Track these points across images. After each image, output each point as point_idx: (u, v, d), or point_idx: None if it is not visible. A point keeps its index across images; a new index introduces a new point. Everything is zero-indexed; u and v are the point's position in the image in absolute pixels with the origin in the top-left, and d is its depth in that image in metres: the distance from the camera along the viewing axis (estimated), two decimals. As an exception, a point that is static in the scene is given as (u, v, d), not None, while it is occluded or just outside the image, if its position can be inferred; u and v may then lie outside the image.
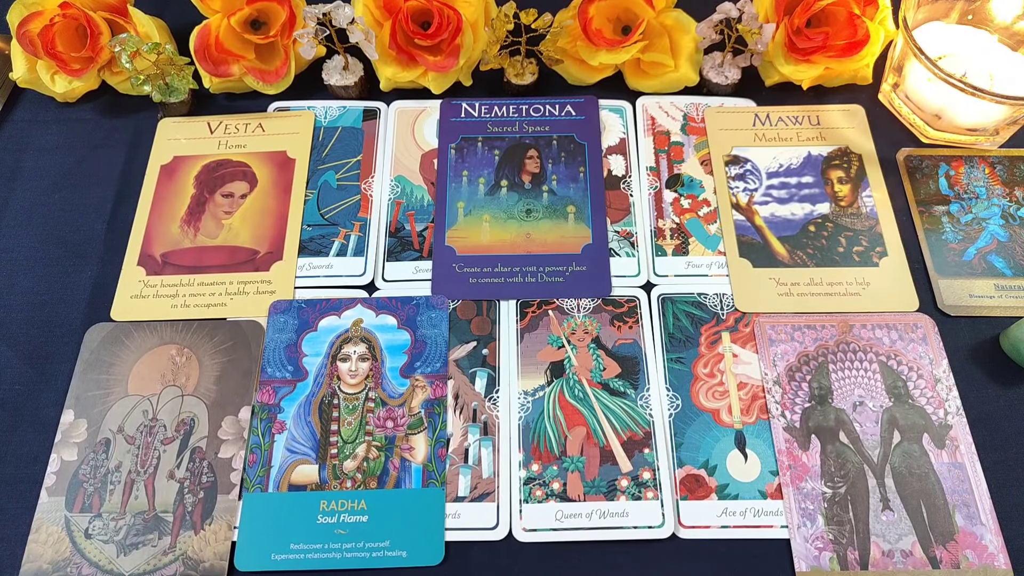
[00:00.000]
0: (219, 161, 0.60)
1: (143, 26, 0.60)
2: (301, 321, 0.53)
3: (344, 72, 0.62)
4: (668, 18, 0.60)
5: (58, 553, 0.45)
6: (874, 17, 0.58)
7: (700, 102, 0.62)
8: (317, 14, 0.57)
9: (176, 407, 0.50)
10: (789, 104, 0.62)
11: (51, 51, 0.58)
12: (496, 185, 0.58)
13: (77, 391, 0.50)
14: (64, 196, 0.59)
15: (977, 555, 0.45)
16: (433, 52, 0.59)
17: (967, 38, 0.60)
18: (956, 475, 0.47)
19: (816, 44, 0.58)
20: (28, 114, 0.63)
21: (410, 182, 0.59)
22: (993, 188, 0.58)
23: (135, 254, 0.56)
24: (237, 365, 0.51)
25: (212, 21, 0.59)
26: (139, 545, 0.45)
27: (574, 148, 0.60)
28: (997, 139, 0.59)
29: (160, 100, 0.61)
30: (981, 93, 0.52)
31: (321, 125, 0.62)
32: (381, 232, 0.56)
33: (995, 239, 0.55)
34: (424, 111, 0.62)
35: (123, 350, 0.52)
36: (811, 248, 0.55)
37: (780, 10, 0.59)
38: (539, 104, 0.62)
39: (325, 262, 0.55)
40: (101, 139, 0.62)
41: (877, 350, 0.51)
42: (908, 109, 0.60)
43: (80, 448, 0.48)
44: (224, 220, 0.57)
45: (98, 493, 0.47)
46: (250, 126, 0.61)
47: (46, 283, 0.55)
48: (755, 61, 0.61)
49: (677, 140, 0.60)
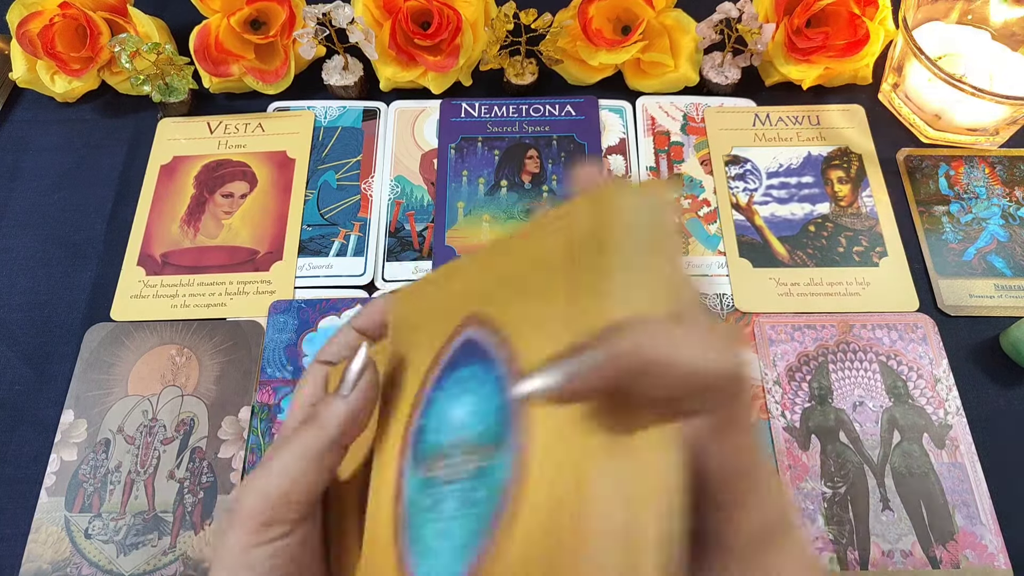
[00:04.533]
0: (219, 161, 0.60)
1: (143, 26, 0.60)
2: (301, 321, 0.53)
3: (344, 72, 0.62)
4: (668, 18, 0.60)
5: (58, 553, 0.45)
6: (874, 17, 0.58)
7: (700, 102, 0.62)
8: (317, 14, 0.57)
9: (176, 407, 0.50)
10: (789, 104, 0.62)
11: (51, 51, 0.58)
12: (496, 185, 0.58)
13: (77, 391, 0.50)
14: (64, 196, 0.59)
15: (977, 555, 0.45)
16: (433, 52, 0.59)
17: (967, 38, 0.60)
18: (956, 475, 0.47)
19: (816, 44, 0.58)
20: (28, 114, 0.63)
21: (410, 182, 0.59)
22: (993, 188, 0.58)
23: (135, 254, 0.56)
24: (237, 365, 0.51)
25: (212, 21, 0.59)
26: (139, 545, 0.45)
27: (574, 148, 0.60)
28: (997, 139, 0.59)
29: (160, 100, 0.60)
30: (981, 93, 0.52)
31: (321, 125, 0.61)
32: (381, 232, 0.56)
33: (995, 239, 0.55)
34: (424, 111, 0.62)
35: (123, 350, 0.52)
36: (811, 248, 0.55)
37: (780, 10, 0.59)
38: (539, 104, 0.62)
39: (325, 262, 0.55)
40: (101, 139, 0.61)
41: (877, 350, 0.51)
42: (908, 109, 0.60)
43: (80, 448, 0.48)
44: (224, 220, 0.57)
45: (98, 493, 0.47)
46: (250, 126, 0.61)
47: (46, 283, 0.55)
48: (755, 61, 0.61)
49: (677, 140, 0.60)
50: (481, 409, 0.24)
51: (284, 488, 0.27)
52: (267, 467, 0.27)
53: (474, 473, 0.25)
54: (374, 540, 0.28)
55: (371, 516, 0.29)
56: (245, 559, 0.26)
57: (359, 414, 0.28)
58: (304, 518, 0.27)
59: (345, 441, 0.28)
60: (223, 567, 0.27)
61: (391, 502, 0.28)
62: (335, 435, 0.27)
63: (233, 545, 0.26)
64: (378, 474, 0.29)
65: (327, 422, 0.27)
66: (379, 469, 0.29)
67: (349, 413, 0.27)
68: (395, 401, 0.29)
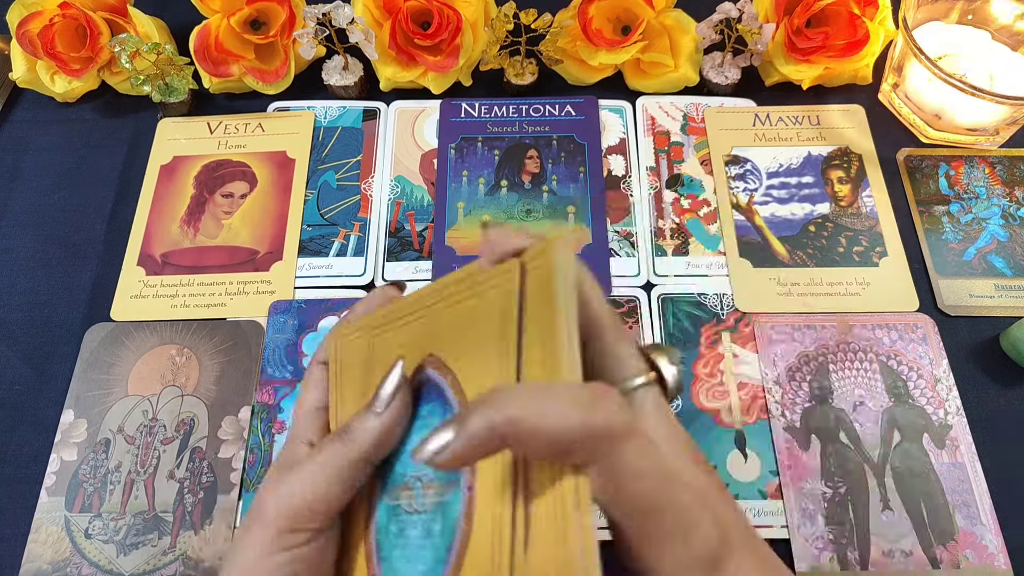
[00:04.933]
0: (219, 161, 0.60)
1: (143, 26, 0.60)
2: (301, 321, 0.53)
3: (344, 72, 0.62)
4: (668, 18, 0.60)
5: (58, 553, 0.45)
6: (874, 17, 0.58)
7: (700, 102, 0.62)
8: (317, 14, 0.57)
9: (176, 407, 0.50)
10: (789, 104, 0.62)
11: (51, 51, 0.58)
12: (496, 185, 0.58)
13: (77, 391, 0.50)
14: (64, 196, 0.59)
15: (977, 555, 0.45)
16: (433, 52, 0.59)
17: (967, 38, 0.60)
18: (956, 475, 0.47)
19: (816, 44, 0.58)
20: (28, 114, 0.63)
21: (410, 182, 0.59)
22: (993, 188, 0.58)
23: (135, 254, 0.56)
24: (237, 365, 0.51)
25: (212, 21, 0.59)
26: (139, 545, 0.45)
27: (574, 148, 0.60)
28: (997, 139, 0.59)
29: (160, 100, 0.61)
30: (981, 93, 0.52)
31: (321, 125, 0.62)
32: (381, 232, 0.56)
33: (995, 239, 0.55)
34: (424, 111, 0.62)
35: (123, 350, 0.52)
36: (811, 248, 0.55)
37: (780, 10, 0.59)
38: (539, 104, 0.62)
39: (325, 262, 0.55)
40: (101, 139, 0.61)
41: (877, 350, 0.51)
42: (908, 109, 0.60)
43: (80, 448, 0.48)
44: (224, 220, 0.57)
45: (98, 493, 0.47)
46: (250, 126, 0.61)
47: (46, 283, 0.55)
48: (755, 61, 0.61)
49: (677, 140, 0.60)
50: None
51: (309, 498, 0.27)
52: (295, 474, 0.28)
53: (433, 507, 0.27)
54: (352, 561, 0.30)
55: (349, 538, 0.30)
56: (264, 564, 0.27)
57: (392, 431, 0.28)
58: (325, 529, 0.28)
59: (375, 457, 0.28)
60: (239, 567, 0.27)
61: (363, 525, 0.30)
62: (367, 451, 0.28)
63: (252, 547, 0.27)
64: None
65: (360, 437, 0.27)
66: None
67: (382, 430, 0.28)
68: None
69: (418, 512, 0.27)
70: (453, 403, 0.27)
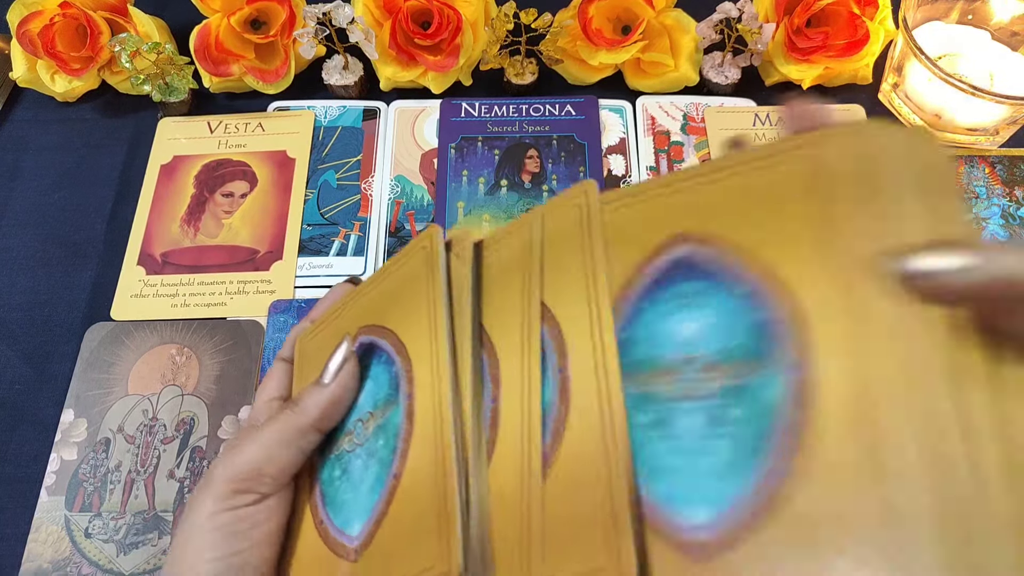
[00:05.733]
0: (219, 161, 0.60)
1: (143, 26, 0.60)
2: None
3: (344, 72, 0.62)
4: (668, 18, 0.60)
5: (58, 552, 0.45)
6: (874, 17, 0.58)
7: (700, 102, 0.62)
8: (317, 14, 0.57)
9: (176, 407, 0.50)
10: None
11: (51, 51, 0.58)
12: (496, 185, 0.58)
13: (77, 391, 0.50)
14: (64, 196, 0.59)
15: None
16: (433, 52, 0.59)
17: (967, 38, 0.60)
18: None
19: (816, 44, 0.58)
20: (28, 114, 0.63)
21: (410, 182, 0.59)
22: (993, 188, 0.58)
23: (135, 254, 0.56)
24: (237, 365, 0.51)
25: (212, 21, 0.59)
26: (139, 544, 0.45)
27: (574, 148, 0.60)
28: (997, 139, 0.59)
29: (160, 100, 0.61)
30: (981, 93, 0.52)
31: (321, 125, 0.62)
32: (381, 232, 0.56)
33: (995, 239, 0.55)
34: (424, 111, 0.62)
35: (123, 350, 0.52)
36: (811, 248, 0.55)
37: (780, 10, 0.59)
38: (539, 104, 0.62)
39: (325, 262, 0.55)
40: (101, 139, 0.61)
41: (877, 350, 0.51)
42: (908, 109, 0.60)
43: (80, 448, 0.48)
44: (224, 220, 0.57)
45: (98, 493, 0.47)
46: (250, 126, 0.61)
47: (46, 283, 0.55)
48: (755, 61, 0.61)
49: (677, 140, 0.60)
50: (724, 324, 0.24)
51: (259, 462, 0.29)
52: (246, 442, 0.29)
53: (375, 430, 0.29)
54: (299, 523, 0.31)
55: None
56: (209, 523, 0.28)
57: (339, 401, 0.30)
58: (272, 492, 0.30)
59: (322, 426, 0.30)
60: (191, 524, 0.28)
61: (307, 491, 0.32)
62: (314, 418, 0.30)
63: (203, 507, 0.28)
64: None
65: (307, 406, 0.30)
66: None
67: (330, 399, 0.30)
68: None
69: (359, 445, 0.30)
70: (742, 280, 0.24)
